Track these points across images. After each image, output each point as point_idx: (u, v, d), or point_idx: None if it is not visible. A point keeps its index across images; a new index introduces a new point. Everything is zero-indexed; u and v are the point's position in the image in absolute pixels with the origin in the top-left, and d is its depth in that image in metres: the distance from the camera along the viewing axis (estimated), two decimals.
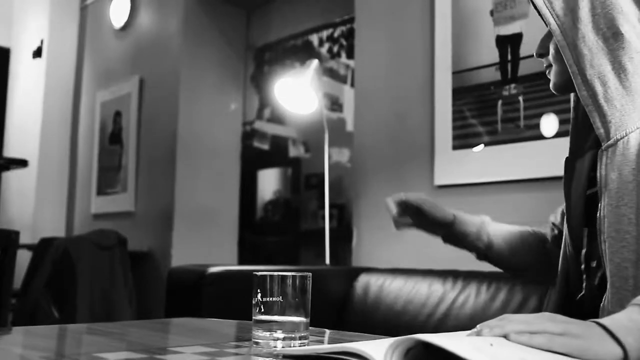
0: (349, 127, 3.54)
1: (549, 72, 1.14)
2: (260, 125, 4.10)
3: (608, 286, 0.98)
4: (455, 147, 2.41)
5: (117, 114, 4.25)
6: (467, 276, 2.10)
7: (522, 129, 2.21)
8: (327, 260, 2.80)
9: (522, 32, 2.24)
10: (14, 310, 3.14)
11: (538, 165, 2.14)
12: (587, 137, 1.12)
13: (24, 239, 2.44)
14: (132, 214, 3.94)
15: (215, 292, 2.11)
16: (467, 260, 2.33)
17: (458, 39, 2.44)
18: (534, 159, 2.15)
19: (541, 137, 2.14)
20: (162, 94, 3.82)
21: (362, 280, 2.38)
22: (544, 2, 1.06)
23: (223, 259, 3.79)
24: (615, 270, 0.96)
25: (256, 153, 4.08)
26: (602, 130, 1.01)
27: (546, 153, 2.11)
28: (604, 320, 0.77)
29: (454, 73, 2.43)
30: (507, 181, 2.24)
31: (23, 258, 3.12)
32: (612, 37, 1.01)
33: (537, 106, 2.16)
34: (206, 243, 3.77)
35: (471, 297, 2.02)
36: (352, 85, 3.31)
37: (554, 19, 1.04)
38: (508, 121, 2.26)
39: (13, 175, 4.46)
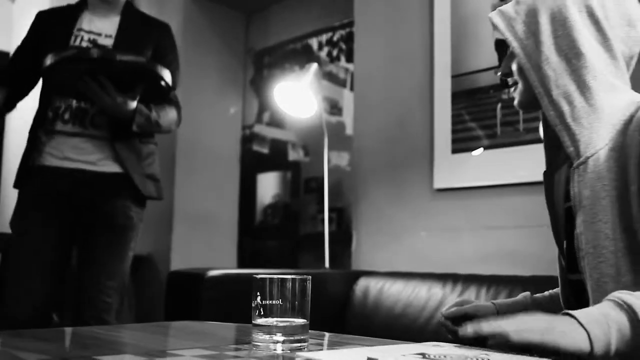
0: (349, 130, 3.54)
1: (514, 90, 1.16)
2: (259, 129, 4.11)
3: (590, 302, 1.00)
4: (454, 151, 2.41)
5: None
6: (467, 279, 2.10)
7: (522, 132, 2.21)
8: (327, 264, 2.80)
9: None
10: None
11: (537, 169, 2.13)
12: (559, 152, 1.15)
13: None
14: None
15: (214, 295, 2.11)
16: (466, 264, 2.33)
17: (457, 43, 2.44)
18: (534, 163, 2.15)
19: (540, 140, 2.14)
20: None
21: (362, 283, 2.38)
22: (506, 26, 1.10)
23: (222, 263, 3.79)
24: (595, 286, 0.98)
25: (256, 157, 4.08)
26: (572, 149, 1.04)
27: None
28: (576, 312, 0.80)
29: (453, 77, 2.44)
30: (507, 185, 2.25)
31: None
32: (574, 57, 1.04)
33: None
34: (205, 247, 3.77)
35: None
36: (352, 88, 3.32)
37: (517, 43, 1.09)
38: (507, 125, 2.26)
39: (13, 178, 4.45)
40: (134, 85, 1.87)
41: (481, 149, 2.33)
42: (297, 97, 2.81)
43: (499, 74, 1.19)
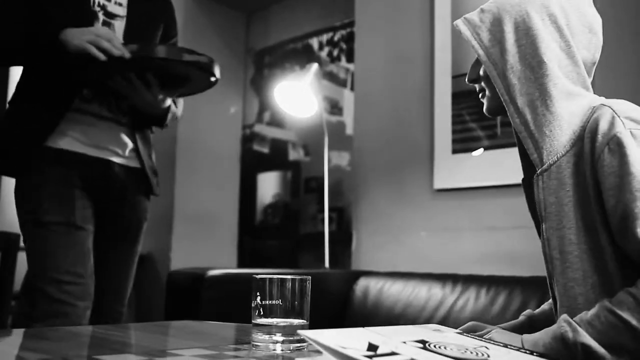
0: (349, 130, 3.55)
1: (482, 96, 1.18)
2: (260, 128, 4.11)
3: (558, 306, 1.04)
4: (454, 151, 2.41)
5: None
6: (467, 280, 2.10)
7: None
8: (327, 264, 2.80)
9: None
10: (13, 312, 3.13)
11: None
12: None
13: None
14: None
15: (214, 295, 2.11)
16: (466, 264, 2.34)
17: (458, 43, 2.44)
18: None
19: None
20: None
21: (362, 283, 2.38)
22: (472, 34, 1.12)
23: (222, 262, 3.79)
24: (562, 290, 1.02)
25: (256, 156, 4.08)
26: (535, 156, 1.06)
27: None
28: (526, 338, 0.94)
29: (453, 77, 2.44)
30: (507, 185, 2.25)
31: (23, 261, 3.12)
32: (537, 65, 1.06)
33: None
34: (206, 246, 3.77)
35: (470, 300, 2.03)
36: (352, 88, 3.32)
37: (483, 50, 1.10)
38: (507, 125, 2.26)
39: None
40: (175, 80, 1.69)
41: (481, 150, 2.33)
42: (297, 96, 2.81)
43: (466, 80, 1.20)
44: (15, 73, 4.87)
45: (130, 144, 1.72)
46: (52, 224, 1.58)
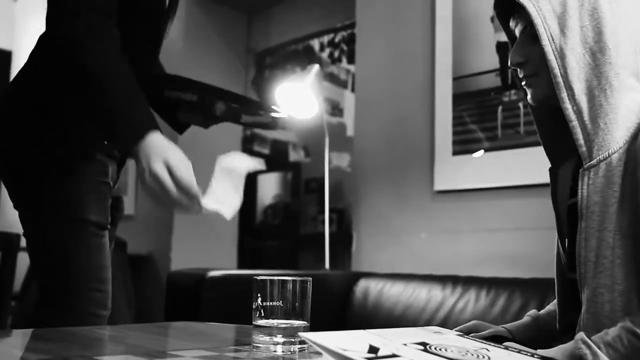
0: (349, 131, 3.55)
1: (528, 83, 1.07)
2: (260, 129, 4.11)
3: (583, 310, 0.98)
4: (455, 153, 2.41)
5: None
6: (467, 281, 2.10)
7: (522, 134, 2.21)
8: (327, 265, 2.80)
9: None
10: (13, 313, 3.13)
11: (538, 171, 2.13)
12: (564, 147, 1.09)
13: (24, 242, 2.44)
14: (132, 217, 3.94)
15: (214, 296, 2.11)
16: (466, 266, 2.33)
17: (459, 45, 2.44)
18: (534, 165, 2.15)
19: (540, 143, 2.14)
20: None
21: (362, 285, 2.38)
22: (532, 4, 1.00)
23: (223, 263, 3.79)
24: (590, 295, 0.96)
25: (256, 157, 4.09)
26: (584, 149, 0.99)
27: (546, 159, 2.11)
28: (538, 353, 0.85)
29: (454, 79, 2.44)
30: (507, 187, 2.25)
31: (23, 261, 3.12)
32: (599, 51, 0.98)
33: None
34: (206, 247, 3.77)
35: (470, 302, 2.02)
36: (353, 90, 3.32)
37: (541, 20, 0.99)
38: (508, 127, 2.26)
39: None
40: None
41: (482, 151, 2.33)
42: (298, 98, 2.81)
43: (509, 63, 1.07)
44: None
45: None
46: (92, 224, 1.41)
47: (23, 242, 2.20)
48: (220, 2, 3.98)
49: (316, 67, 2.84)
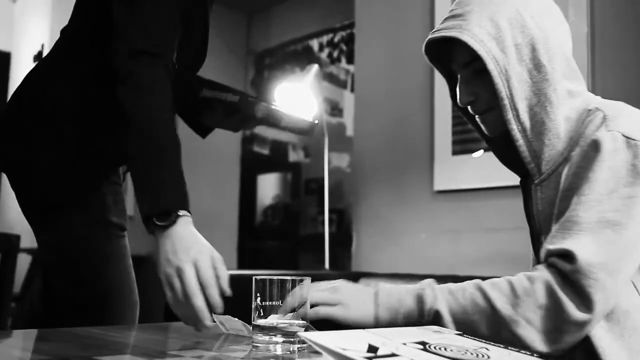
0: (349, 132, 3.55)
1: (483, 119, 1.08)
2: (260, 130, 4.11)
3: None
4: (454, 153, 2.41)
5: None
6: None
7: None
8: (327, 265, 2.80)
9: None
10: (13, 314, 3.14)
11: None
12: (522, 162, 1.09)
13: (24, 243, 2.43)
14: (132, 218, 3.95)
15: None
16: (466, 266, 2.34)
17: None
18: None
19: None
20: None
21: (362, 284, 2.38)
22: (459, 31, 1.01)
23: None
24: None
25: (256, 158, 4.08)
26: (533, 165, 1.02)
27: None
28: (381, 292, 0.97)
29: None
30: (507, 187, 2.25)
31: (23, 262, 3.12)
32: (535, 68, 0.99)
33: None
34: None
35: None
36: (352, 90, 3.32)
37: (480, 45, 0.99)
38: None
39: None
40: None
41: (481, 151, 2.33)
42: (297, 98, 2.81)
43: (459, 103, 1.09)
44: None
45: None
46: (110, 225, 1.35)
47: (23, 243, 2.21)
48: (219, 2, 3.99)
49: (315, 67, 2.84)
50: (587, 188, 0.92)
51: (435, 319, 0.93)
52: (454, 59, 1.07)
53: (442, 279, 2.21)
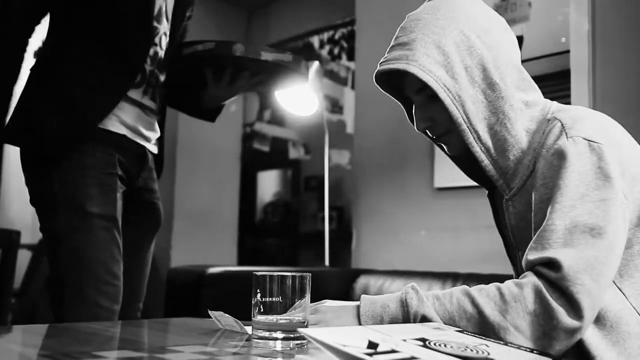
0: (349, 129, 3.55)
1: (444, 141, 1.08)
2: (260, 126, 4.11)
3: None
4: None
5: None
6: (467, 278, 2.10)
7: None
8: (327, 262, 2.81)
9: (523, 35, 2.25)
10: (13, 310, 3.14)
11: None
12: (487, 177, 1.10)
13: (24, 239, 2.44)
14: None
15: (214, 292, 2.11)
16: (466, 263, 2.34)
17: None
18: None
19: None
20: None
21: (362, 281, 2.38)
22: (405, 63, 1.01)
23: (222, 261, 3.79)
24: None
25: (256, 155, 4.08)
26: (501, 182, 1.03)
27: None
28: (365, 301, 0.97)
29: None
30: None
31: (23, 258, 3.12)
32: (488, 87, 0.99)
33: None
34: (206, 244, 3.77)
35: None
36: (353, 87, 3.32)
37: (429, 75, 0.99)
38: None
39: (13, 175, 4.46)
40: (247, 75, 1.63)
41: None
42: (298, 95, 2.81)
43: (417, 129, 1.10)
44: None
45: (158, 132, 1.65)
46: (96, 216, 1.41)
47: (23, 239, 2.21)
48: None
49: (316, 64, 2.84)
50: (559, 195, 0.92)
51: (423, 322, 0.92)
52: (406, 87, 1.08)
53: (442, 276, 2.23)
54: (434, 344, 0.74)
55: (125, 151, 1.50)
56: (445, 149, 1.11)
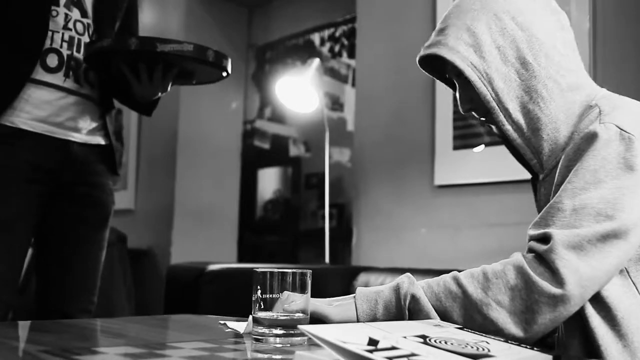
0: (350, 126, 3.54)
1: (488, 122, 1.10)
2: (261, 124, 4.10)
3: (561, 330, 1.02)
4: (455, 147, 2.41)
5: (118, 112, 4.26)
6: None
7: None
8: (327, 259, 2.81)
9: None
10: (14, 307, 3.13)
11: None
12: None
13: None
14: (132, 211, 3.95)
15: (214, 289, 2.11)
16: (466, 261, 2.33)
17: None
18: None
19: None
20: None
21: (362, 279, 2.38)
22: (438, 47, 1.03)
23: (222, 257, 3.79)
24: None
25: (257, 152, 4.08)
26: (535, 161, 1.03)
27: None
28: (360, 289, 1.00)
29: None
30: (508, 181, 2.25)
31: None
32: (522, 66, 1.00)
33: None
34: (206, 241, 3.77)
35: None
36: (353, 84, 3.32)
37: (457, 56, 1.01)
38: None
39: None
40: (182, 73, 1.60)
41: (482, 146, 2.33)
42: (298, 92, 2.80)
43: (462, 111, 1.12)
44: None
45: (95, 120, 1.61)
46: None
47: None
48: None
49: (316, 61, 2.83)
50: (574, 176, 0.92)
51: (413, 303, 0.95)
52: (447, 72, 1.11)
53: (442, 274, 2.22)
54: (435, 341, 0.74)
55: (40, 148, 1.50)
56: (495, 130, 1.12)
